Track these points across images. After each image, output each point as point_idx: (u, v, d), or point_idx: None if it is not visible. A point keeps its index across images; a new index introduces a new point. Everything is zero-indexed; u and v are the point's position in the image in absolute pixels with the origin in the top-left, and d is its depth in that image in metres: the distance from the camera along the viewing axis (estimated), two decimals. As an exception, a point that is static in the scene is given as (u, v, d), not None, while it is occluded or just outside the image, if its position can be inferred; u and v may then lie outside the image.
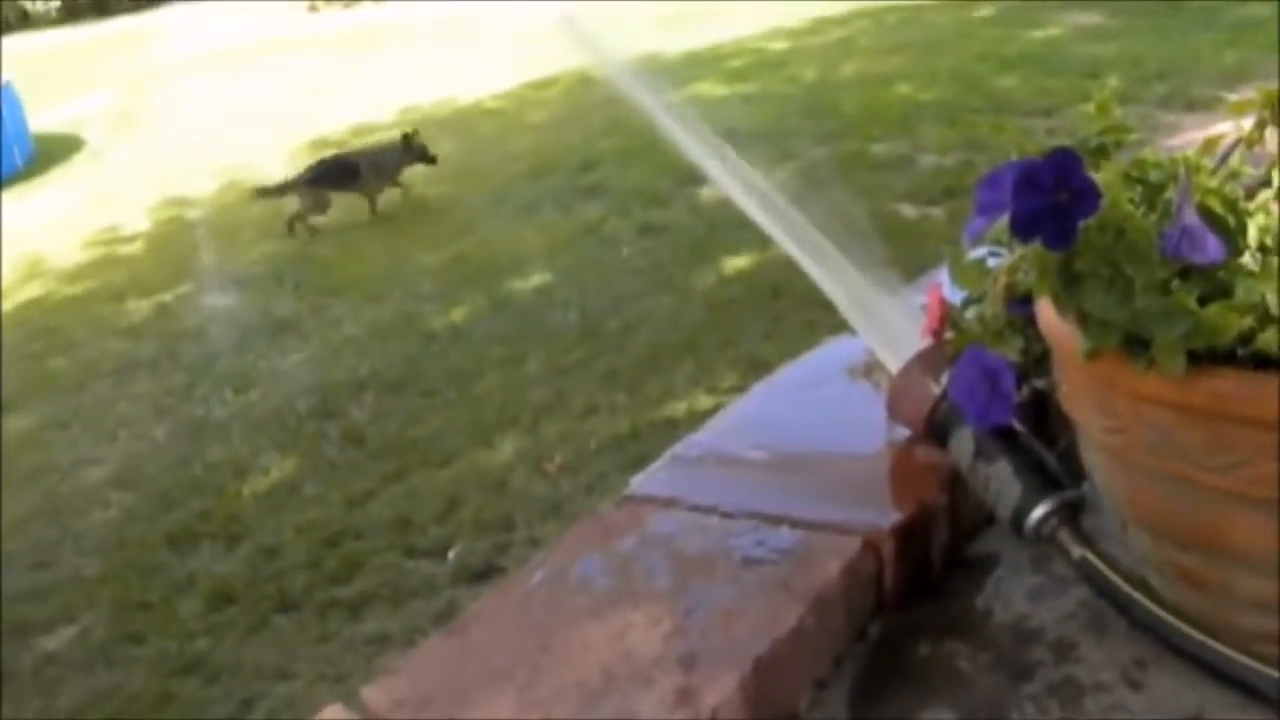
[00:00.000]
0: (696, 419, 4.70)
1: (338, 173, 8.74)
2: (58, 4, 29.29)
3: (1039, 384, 1.25)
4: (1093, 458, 1.11)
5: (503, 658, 1.10)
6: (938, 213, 6.78)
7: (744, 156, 1.58)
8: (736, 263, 6.35)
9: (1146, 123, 6.85)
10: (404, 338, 6.54)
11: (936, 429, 1.27)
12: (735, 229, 6.11)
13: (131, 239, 9.64)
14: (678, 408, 5.12)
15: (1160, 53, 9.04)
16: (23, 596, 4.76)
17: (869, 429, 1.39)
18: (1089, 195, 0.95)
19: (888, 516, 1.23)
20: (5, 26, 28.07)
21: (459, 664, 1.11)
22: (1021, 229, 0.98)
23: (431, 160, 8.88)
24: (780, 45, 12.56)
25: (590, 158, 9.00)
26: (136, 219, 10.03)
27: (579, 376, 5.66)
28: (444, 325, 6.61)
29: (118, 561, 4.89)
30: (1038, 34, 11.06)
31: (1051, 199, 0.95)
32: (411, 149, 8.82)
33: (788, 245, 1.46)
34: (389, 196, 8.90)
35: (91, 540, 5.11)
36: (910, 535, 1.24)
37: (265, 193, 8.90)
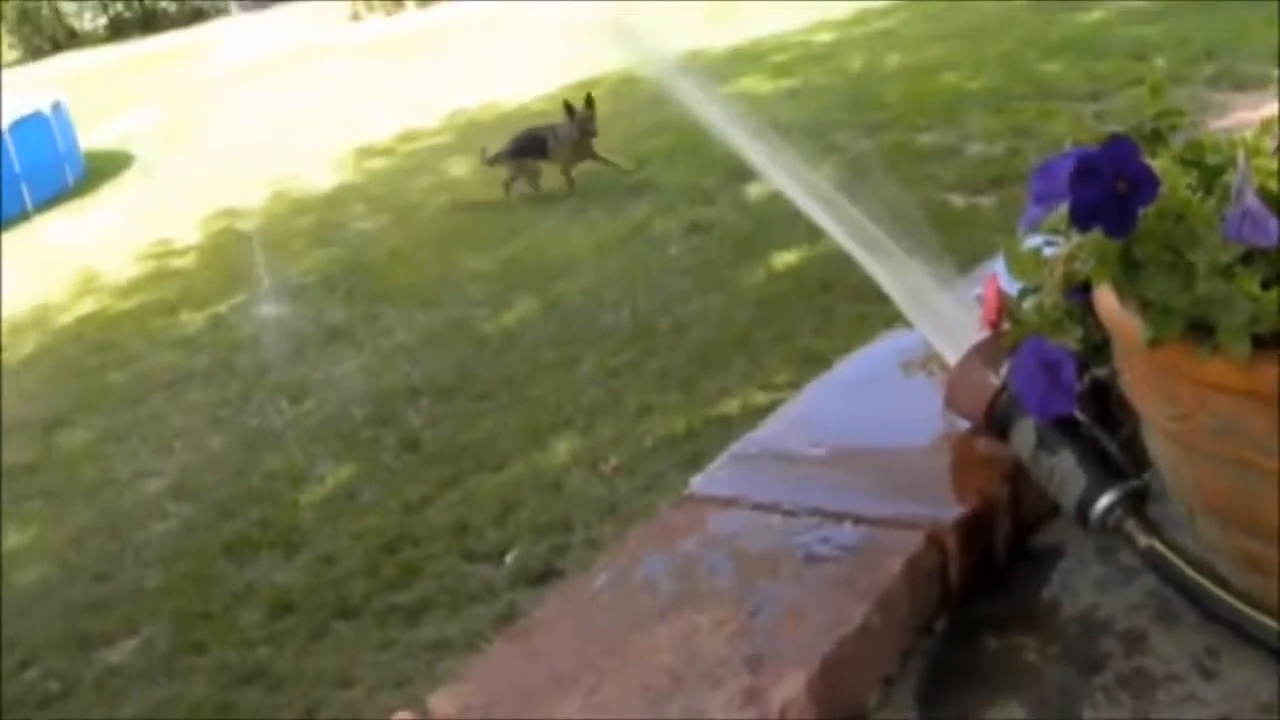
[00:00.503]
0: (751, 416, 4.69)
1: (531, 145, 8.86)
2: (105, 22, 29.65)
3: (1099, 373, 1.24)
4: (1157, 446, 1.10)
5: (568, 662, 1.10)
6: (987, 202, 6.73)
7: (791, 150, 1.58)
8: (785, 258, 6.33)
9: (1196, 104, 6.77)
10: (456, 343, 6.56)
11: (997, 421, 1.26)
12: (783, 224, 6.10)
13: (183, 252, 9.74)
14: (732, 405, 5.11)
15: (1207, 32, 8.92)
16: (84, 609, 4.82)
17: (927, 422, 1.38)
18: (1147, 183, 0.94)
19: (950, 510, 1.23)
20: (54, 45, 28.45)
21: (524, 669, 1.12)
22: (1081, 219, 0.97)
23: (592, 132, 8.72)
24: (825, 38, 12.51)
25: (636, 157, 8.99)
26: (188, 232, 10.13)
27: (631, 377, 5.66)
28: (495, 329, 6.63)
29: (177, 572, 4.94)
30: (1082, 18, 10.95)
31: (1110, 188, 0.94)
32: (575, 118, 8.67)
33: (840, 238, 1.46)
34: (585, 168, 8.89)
35: (151, 552, 5.16)
36: (974, 528, 1.23)
37: (489, 161, 9.07)
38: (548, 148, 8.81)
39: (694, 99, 1.60)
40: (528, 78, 13.06)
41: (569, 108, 8.69)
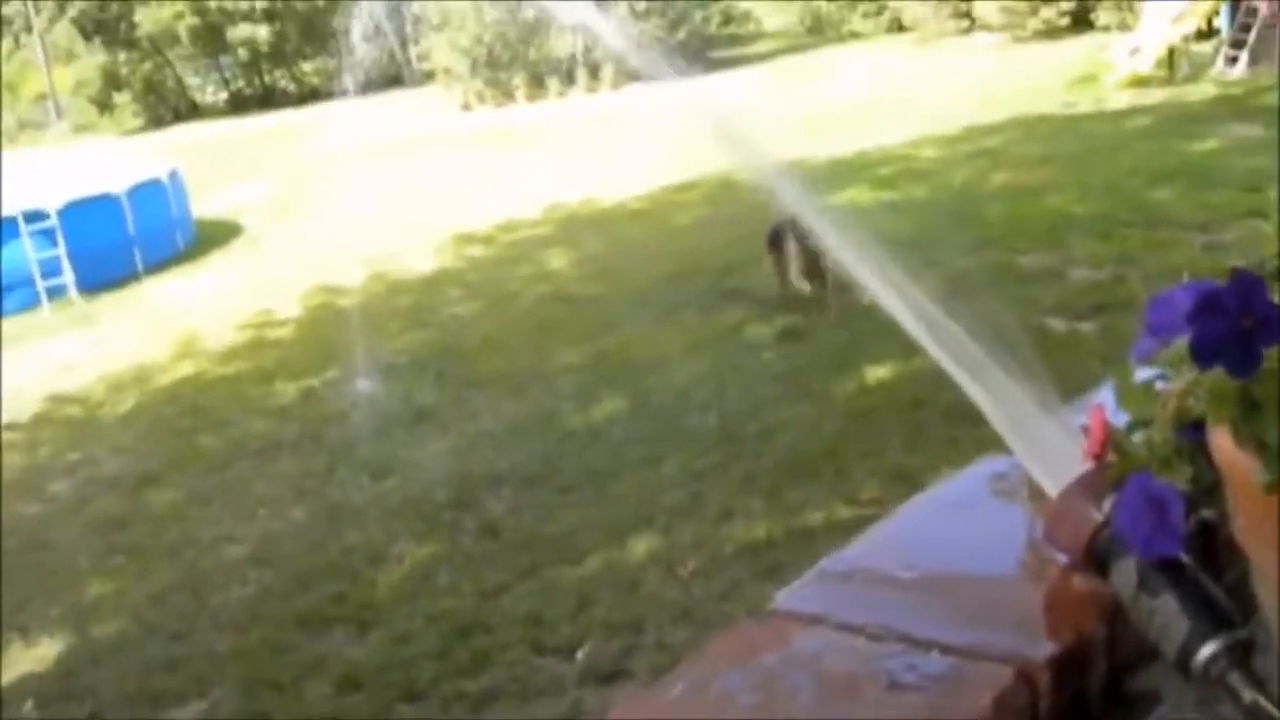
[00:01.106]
0: (834, 530, 4.66)
1: (774, 237, 7.81)
2: (226, 96, 30.54)
3: (1207, 514, 1.19)
4: (1268, 596, 1.05)
5: (639, 771, 1.07)
6: (1088, 328, 6.65)
7: (889, 263, 1.56)
8: (878, 372, 6.29)
9: (1310, 243, 6.65)
10: (542, 433, 6.58)
11: (1097, 557, 1.21)
12: (876, 337, 6.06)
13: (282, 323, 9.91)
14: (815, 517, 5.05)
15: (1324, 165, 8.80)
16: (158, 666, 4.86)
17: (1022, 552, 1.34)
18: (1275, 322, 0.91)
19: (1043, 646, 1.18)
20: (176, 115, 29.33)
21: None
22: (1203, 356, 0.93)
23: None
24: (929, 153, 12.54)
25: (731, 262, 9.03)
26: (288, 304, 10.32)
27: (716, 480, 5.62)
28: (582, 422, 6.64)
29: (251, 639, 4.96)
30: (1194, 146, 10.88)
31: (1234, 325, 0.91)
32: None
33: (936, 355, 1.43)
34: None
35: (227, 616, 5.20)
36: (1067, 667, 1.18)
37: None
38: (783, 244, 7.73)
39: (793, 207, 1.59)
40: (628, 176, 13.22)
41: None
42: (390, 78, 24.79)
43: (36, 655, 5.08)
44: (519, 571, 5.07)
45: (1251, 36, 15.32)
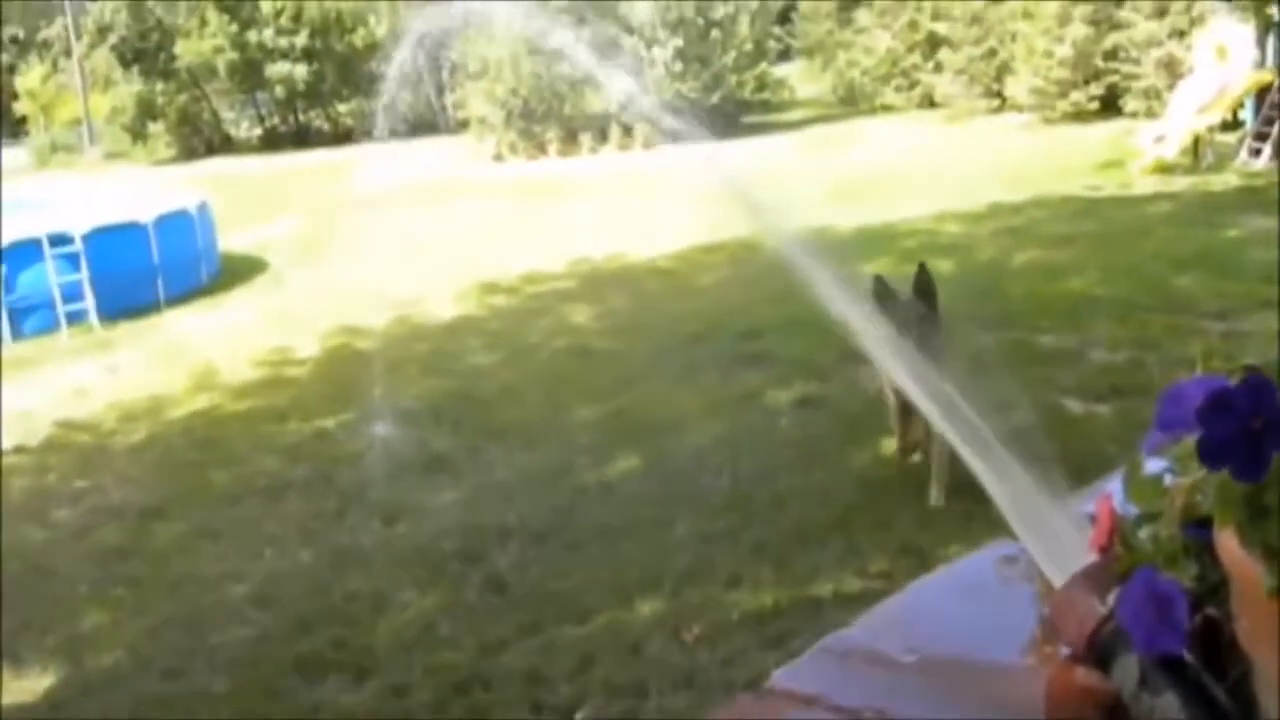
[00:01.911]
0: (843, 601, 4.63)
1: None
2: (259, 132, 30.82)
3: (1211, 612, 1.18)
4: (1271, 701, 1.04)
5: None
6: (1104, 410, 6.63)
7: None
8: (893, 444, 6.26)
9: (1327, 340, 6.65)
10: (555, 487, 6.56)
11: (1099, 650, 1.20)
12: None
13: (301, 362, 9.94)
14: (825, 588, 5.02)
15: (1343, 263, 8.80)
16: (150, 702, 4.82)
17: (1026, 641, 1.33)
18: (1286, 425, 0.90)
19: (1041, 739, 1.17)
20: (209, 148, 29.61)
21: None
22: (1211, 457, 0.93)
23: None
24: (954, 228, 12.56)
25: (754, 326, 9.04)
26: (307, 343, 10.36)
27: (726, 545, 5.59)
28: (595, 479, 6.62)
29: (247, 681, 4.92)
30: (1216, 235, 10.89)
31: (1244, 427, 0.90)
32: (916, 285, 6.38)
33: (949, 433, 1.42)
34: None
35: (224, 656, 5.16)
36: (1064, 761, 1.17)
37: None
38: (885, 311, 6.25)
39: (815, 275, 1.60)
40: (655, 235, 13.27)
41: (921, 273, 6.40)
42: (425, 124, 25.01)
43: (25, 685, 5.06)
44: (522, 627, 5.03)
45: (1275, 129, 15.42)
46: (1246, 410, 0.91)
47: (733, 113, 24.15)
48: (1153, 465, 1.26)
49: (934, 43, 24.63)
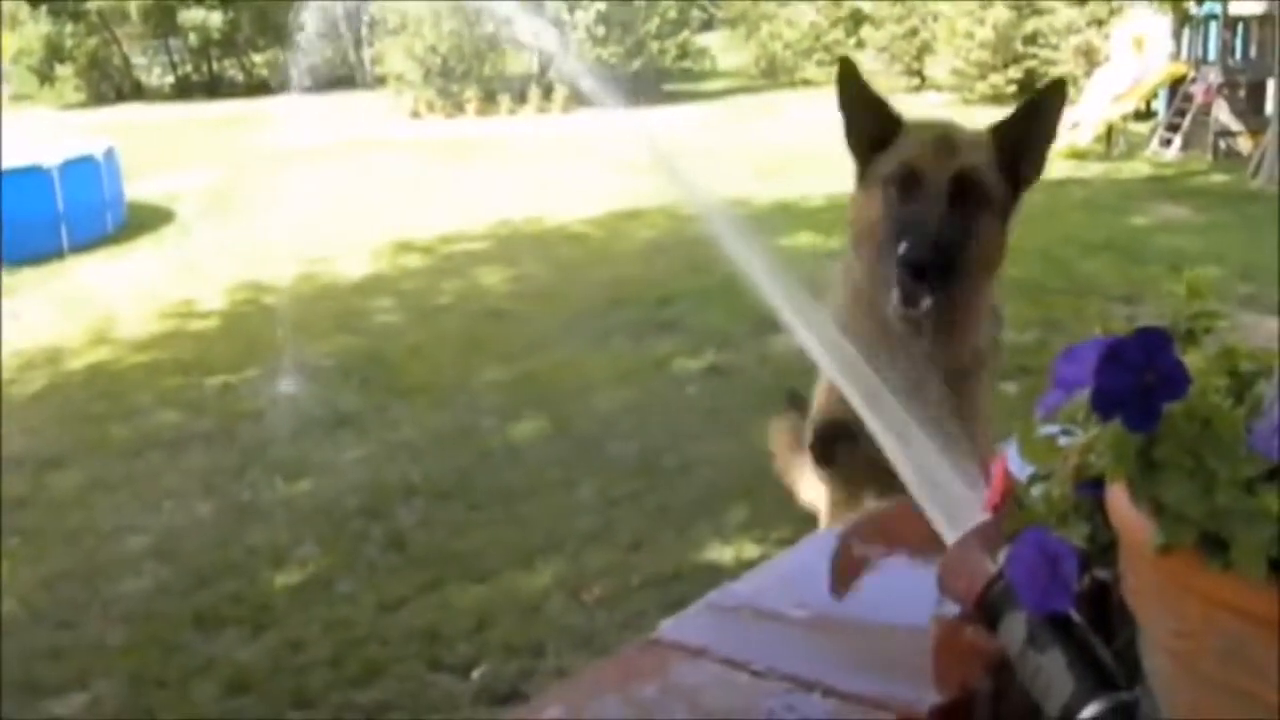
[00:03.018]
0: (743, 568, 4.63)
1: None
2: (171, 80, 30.22)
3: (1101, 574, 1.18)
4: (1155, 660, 1.04)
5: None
6: (1011, 389, 6.68)
7: (819, 311, 1.55)
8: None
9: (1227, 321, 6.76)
10: (460, 448, 6.52)
11: (988, 609, 1.20)
12: (803, 380, 6.05)
13: (206, 315, 9.77)
14: (725, 553, 5.04)
15: (1245, 252, 8.98)
16: (41, 655, 4.72)
17: (917, 601, 1.32)
18: (1178, 378, 0.90)
19: (927, 696, 1.16)
20: (119, 95, 28.97)
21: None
22: (1103, 406, 0.92)
23: None
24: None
25: (668, 294, 9.03)
26: (214, 297, 10.18)
27: (629, 509, 5.59)
28: (501, 441, 6.59)
29: (141, 634, 4.84)
30: (1125, 221, 11.05)
31: (1138, 378, 0.90)
32: None
33: (856, 403, 1.41)
34: None
35: (119, 609, 5.07)
36: (949, 719, 1.16)
37: None
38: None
39: (732, 245, 1.59)
40: (575, 200, 13.20)
41: None
42: (341, 78, 24.63)
43: (-84, 634, 4.94)
44: (421, 585, 5.00)
45: (1186, 121, 15.71)
46: (1140, 362, 0.90)
47: (653, 80, 24.08)
48: (1050, 429, 1.26)
49: (857, 19, 24.75)
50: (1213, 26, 16.46)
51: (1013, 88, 21.31)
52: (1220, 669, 0.91)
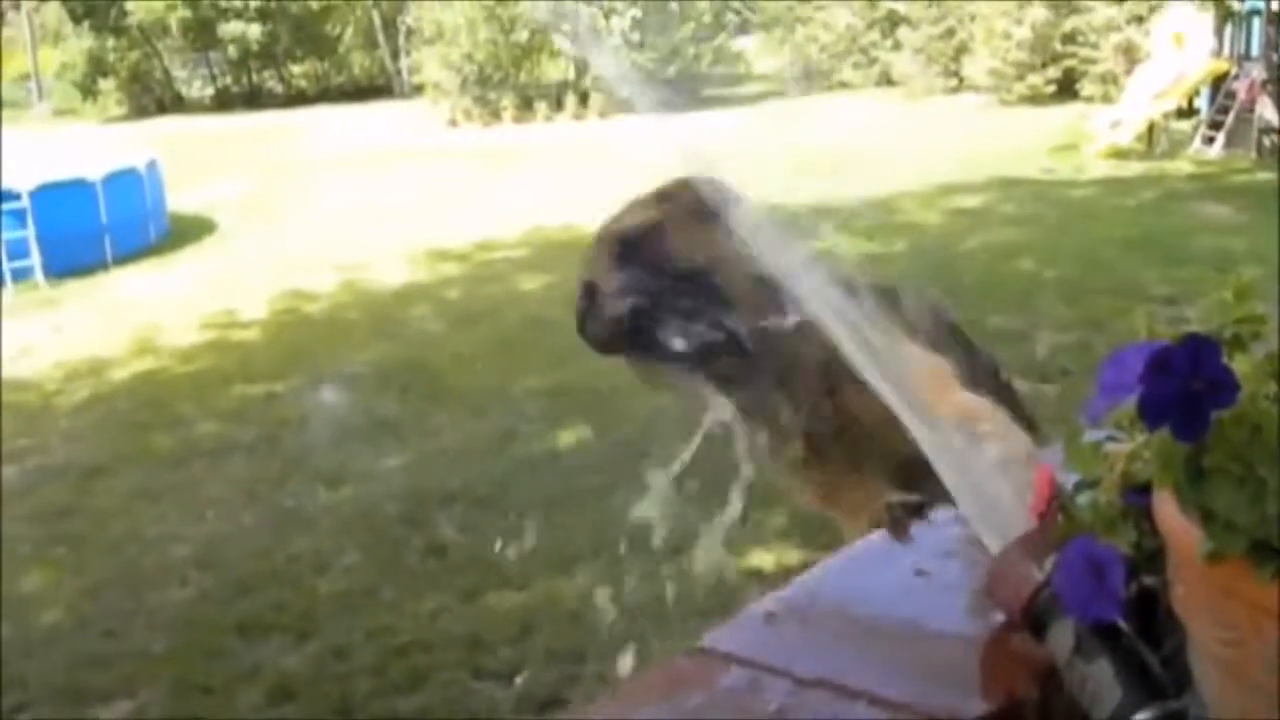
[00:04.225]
0: (783, 572, 4.62)
1: None
2: (212, 92, 30.45)
3: (1148, 581, 1.17)
4: (1204, 669, 1.03)
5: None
6: (1051, 391, 6.66)
7: (858, 313, 1.54)
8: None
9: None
10: (500, 455, 6.53)
11: (1034, 618, 1.19)
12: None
13: (248, 325, 9.84)
14: (767, 560, 5.02)
15: (1291, 252, 8.88)
16: (87, 662, 4.77)
17: (963, 608, 1.32)
18: (1227, 386, 0.89)
19: (974, 705, 1.16)
20: (160, 107, 29.21)
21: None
22: (1151, 415, 0.91)
23: None
24: (909, 207, 12.58)
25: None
26: (255, 306, 10.24)
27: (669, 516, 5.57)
28: (542, 448, 6.60)
29: (185, 641, 4.88)
30: (1167, 221, 10.96)
31: (1185, 386, 0.89)
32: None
33: (896, 406, 1.41)
34: None
35: (164, 616, 5.12)
36: (996, 728, 1.16)
37: None
38: None
39: (769, 248, 1.58)
40: (610, 205, 13.17)
41: None
42: (379, 88, 24.78)
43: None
44: (462, 593, 5.02)
45: (1229, 119, 15.54)
46: (1187, 370, 0.90)
47: (689, 85, 24.07)
48: (1094, 435, 1.25)
49: (893, 21, 24.64)
50: (1256, 22, 16.28)
51: (1051, 87, 21.18)
52: (1269, 677, 0.91)
